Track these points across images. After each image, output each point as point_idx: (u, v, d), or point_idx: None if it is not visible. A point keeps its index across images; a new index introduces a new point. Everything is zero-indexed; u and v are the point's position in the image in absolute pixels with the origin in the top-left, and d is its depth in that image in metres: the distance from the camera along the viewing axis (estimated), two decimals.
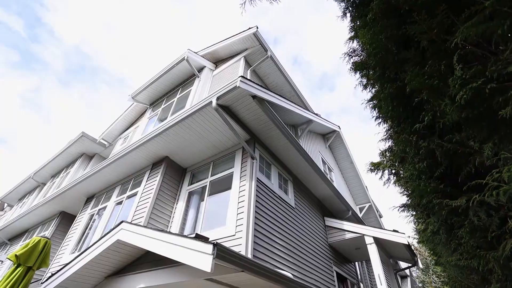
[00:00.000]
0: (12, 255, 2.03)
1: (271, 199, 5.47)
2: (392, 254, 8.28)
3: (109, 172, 7.11)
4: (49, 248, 2.21)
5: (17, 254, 2.02)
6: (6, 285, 1.98)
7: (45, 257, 2.16)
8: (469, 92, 1.53)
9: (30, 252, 2.09)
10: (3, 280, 2.01)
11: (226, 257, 2.63)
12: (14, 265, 2.06)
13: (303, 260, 5.84)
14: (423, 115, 2.15)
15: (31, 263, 2.08)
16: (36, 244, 2.13)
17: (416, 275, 30.19)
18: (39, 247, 2.14)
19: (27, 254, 2.07)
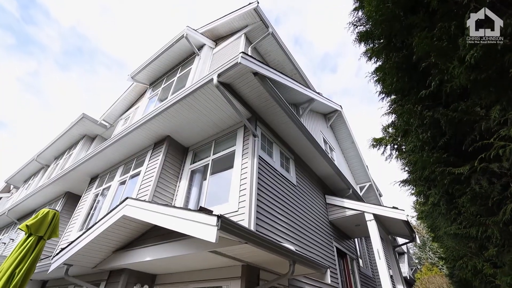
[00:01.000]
0: (23, 225, 2.09)
1: (273, 176, 5.53)
2: (391, 230, 8.47)
3: (112, 152, 7.15)
4: (57, 219, 2.26)
5: (27, 224, 2.07)
6: (19, 254, 2.04)
7: (54, 228, 2.22)
8: (479, 51, 1.48)
9: (40, 223, 2.14)
10: (15, 249, 2.07)
11: (230, 229, 2.68)
12: (25, 235, 2.11)
13: (305, 235, 5.99)
14: (429, 81, 2.10)
15: (42, 233, 2.13)
16: (45, 215, 2.18)
17: (413, 252, 31.14)
18: (48, 218, 2.19)
19: (38, 225, 2.13)
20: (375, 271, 11.37)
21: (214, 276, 4.14)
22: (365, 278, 9.59)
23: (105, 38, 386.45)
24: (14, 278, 1.94)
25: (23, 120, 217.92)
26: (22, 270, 1.99)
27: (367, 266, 10.68)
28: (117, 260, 4.37)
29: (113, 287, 4.62)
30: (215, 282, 4.14)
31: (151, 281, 4.89)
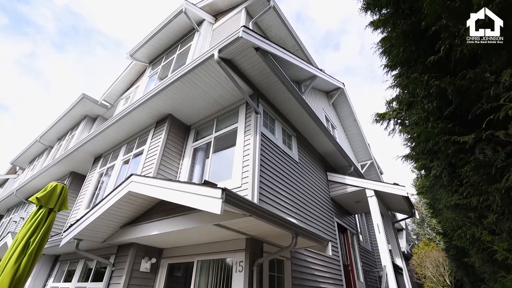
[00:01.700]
0: (33, 197, 2.14)
1: (275, 153, 5.56)
2: (391, 206, 8.64)
3: (114, 132, 7.17)
4: (66, 192, 2.31)
5: (37, 197, 2.12)
6: (31, 225, 2.11)
7: (64, 201, 2.27)
8: (495, 8, 1.43)
9: (49, 195, 2.19)
10: (28, 221, 2.14)
11: (234, 202, 2.74)
12: (36, 208, 2.17)
13: (306, 211, 6.12)
14: (439, 45, 2.04)
15: (52, 205, 2.19)
16: (54, 189, 2.23)
17: (411, 228, 31.98)
18: (57, 191, 2.24)
19: (47, 197, 2.18)
20: (375, 245, 11.73)
21: (219, 249, 4.28)
22: (365, 252, 9.91)
23: (100, 16, 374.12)
24: (29, 247, 2.02)
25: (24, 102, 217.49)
26: (36, 240, 2.06)
27: (367, 241, 11.01)
28: (125, 235, 4.52)
29: (122, 260, 4.81)
30: (220, 255, 4.29)
31: (158, 254, 5.09)
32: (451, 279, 15.53)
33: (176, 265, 5.19)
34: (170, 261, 4.99)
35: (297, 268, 5.00)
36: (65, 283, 6.07)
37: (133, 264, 4.65)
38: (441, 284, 15.99)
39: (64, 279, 6.25)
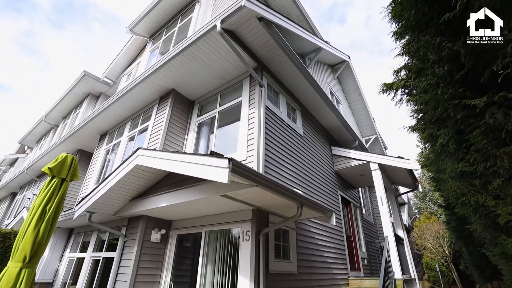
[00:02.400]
0: (45, 168, 2.19)
1: (280, 126, 5.54)
2: (395, 180, 8.71)
3: (117, 109, 7.16)
4: (76, 163, 2.36)
5: (49, 167, 2.17)
6: (45, 194, 2.18)
7: (75, 171, 2.33)
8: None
9: (60, 165, 2.24)
10: (42, 190, 2.20)
11: (240, 172, 2.78)
12: (49, 178, 2.23)
13: (311, 184, 6.22)
14: (454, 1, 1.94)
15: (64, 175, 2.24)
16: (65, 159, 2.27)
17: (413, 203, 32.51)
18: (68, 162, 2.28)
19: (59, 167, 2.23)
20: (377, 218, 12.01)
21: (226, 220, 4.42)
22: (367, 224, 10.18)
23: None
24: (46, 214, 2.11)
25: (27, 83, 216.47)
26: (51, 208, 2.14)
27: (369, 214, 11.26)
28: (134, 208, 4.67)
29: (133, 231, 5.01)
30: (227, 225, 4.43)
31: (167, 226, 5.28)
32: (450, 250, 16.01)
33: (185, 236, 5.40)
34: (179, 232, 5.18)
35: (301, 238, 5.17)
36: (81, 253, 6.39)
37: (143, 235, 4.85)
38: (440, 254, 16.51)
39: (79, 250, 6.57)
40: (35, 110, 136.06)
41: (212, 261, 4.50)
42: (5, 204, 15.09)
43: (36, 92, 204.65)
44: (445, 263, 16.26)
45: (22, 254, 1.98)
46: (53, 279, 6.66)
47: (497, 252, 3.14)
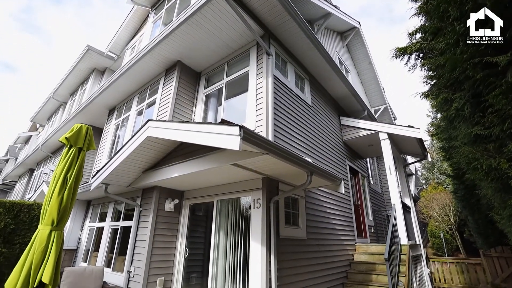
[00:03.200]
0: (62, 138, 2.25)
1: (288, 96, 5.47)
2: (403, 149, 8.67)
3: (124, 82, 7.13)
4: (91, 133, 2.41)
5: (66, 137, 2.23)
6: (65, 163, 2.26)
7: (90, 141, 2.38)
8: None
9: (76, 135, 2.29)
10: (61, 160, 2.28)
11: (251, 139, 2.80)
12: (66, 147, 2.30)
13: (320, 154, 6.25)
14: None
15: (81, 145, 2.31)
16: (80, 129, 2.32)
17: (420, 174, 32.57)
18: (83, 132, 2.33)
19: (75, 137, 2.28)
20: (384, 188, 12.15)
21: (237, 189, 4.54)
22: (374, 193, 10.33)
23: None
24: (68, 182, 2.20)
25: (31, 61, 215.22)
26: (72, 175, 2.23)
27: (377, 184, 11.38)
28: (148, 179, 4.82)
29: (148, 201, 5.22)
30: (238, 194, 4.57)
31: (180, 196, 5.47)
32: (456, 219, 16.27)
33: (197, 206, 5.61)
34: (191, 202, 5.37)
35: (310, 206, 5.31)
36: (100, 222, 6.74)
37: (158, 205, 5.05)
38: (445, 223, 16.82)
39: (98, 220, 6.93)
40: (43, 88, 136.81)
41: (225, 228, 4.70)
42: (24, 180, 15.76)
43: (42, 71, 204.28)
44: (450, 231, 16.61)
45: (50, 218, 2.10)
46: (77, 246, 7.12)
47: (505, 215, 3.18)
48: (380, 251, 6.33)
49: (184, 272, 4.98)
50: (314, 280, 4.81)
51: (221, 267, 4.50)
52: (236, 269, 4.27)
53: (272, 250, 3.86)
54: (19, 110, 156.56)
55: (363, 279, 5.79)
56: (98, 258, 6.15)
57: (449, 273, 8.55)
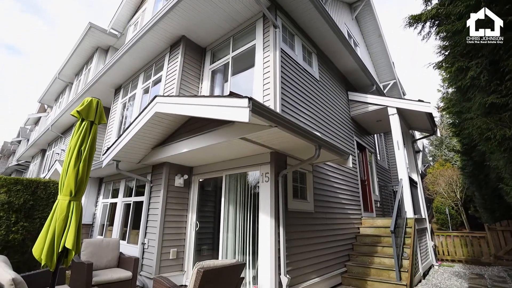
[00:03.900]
0: (74, 111, 2.28)
1: (295, 70, 5.35)
2: (412, 125, 8.54)
3: (129, 60, 7.05)
4: (101, 106, 2.42)
5: (78, 110, 2.26)
6: (78, 136, 2.30)
7: (101, 114, 2.41)
8: None
9: (87, 109, 2.31)
10: (74, 133, 2.32)
11: (260, 112, 2.79)
12: (79, 121, 2.33)
13: (327, 129, 6.21)
14: None
15: (92, 118, 2.34)
16: (90, 103, 2.34)
17: (428, 151, 32.30)
18: (93, 105, 2.35)
19: (86, 110, 2.31)
20: (391, 164, 12.14)
21: (246, 163, 4.60)
22: (381, 169, 10.34)
23: None
24: (82, 154, 2.25)
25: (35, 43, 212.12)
26: (86, 148, 2.28)
27: (384, 160, 11.36)
28: (157, 155, 4.90)
29: (158, 177, 5.35)
30: (247, 168, 4.63)
31: (189, 172, 5.58)
32: (462, 195, 16.32)
33: (206, 181, 5.73)
34: (200, 177, 5.48)
35: (318, 181, 5.37)
36: (113, 198, 6.98)
37: (168, 180, 5.18)
38: (451, 199, 16.91)
39: (111, 196, 7.17)
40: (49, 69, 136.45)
41: (234, 201, 4.82)
42: (38, 160, 16.20)
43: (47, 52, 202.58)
44: (455, 207, 16.75)
45: (68, 189, 2.18)
46: (92, 221, 7.44)
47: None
48: (386, 224, 6.46)
49: (195, 244, 5.20)
50: (321, 251, 4.97)
51: (231, 239, 4.67)
52: (246, 241, 4.43)
53: (280, 222, 3.97)
54: (27, 92, 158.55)
55: (369, 251, 5.96)
56: (113, 232, 6.43)
57: (453, 246, 8.71)
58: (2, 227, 5.20)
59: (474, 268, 7.48)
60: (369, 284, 5.09)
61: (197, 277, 2.67)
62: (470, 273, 6.70)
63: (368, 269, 5.40)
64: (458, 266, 7.71)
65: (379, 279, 5.07)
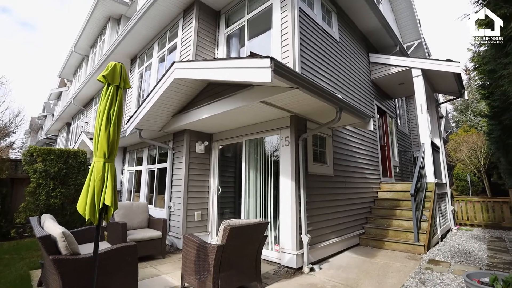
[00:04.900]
0: (100, 76, 2.32)
1: (314, 31, 5.09)
2: (437, 88, 8.10)
3: (142, 28, 6.93)
4: (125, 71, 2.45)
5: (103, 75, 2.30)
6: (106, 101, 2.37)
7: (125, 79, 2.44)
8: None
9: (112, 73, 2.35)
10: (102, 98, 2.39)
11: (282, 72, 2.72)
12: (105, 86, 2.38)
13: (347, 93, 6.02)
14: None
15: (117, 82, 2.38)
16: (114, 67, 2.37)
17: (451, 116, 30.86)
18: (118, 69, 2.38)
19: (111, 75, 2.35)
20: (412, 130, 11.78)
21: (265, 128, 4.61)
22: (402, 134, 10.08)
23: None
24: (111, 118, 2.34)
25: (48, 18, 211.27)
26: (114, 112, 2.36)
27: (405, 125, 11.02)
28: (177, 122, 5.00)
29: (179, 144, 5.50)
30: (266, 133, 4.65)
31: (209, 138, 5.69)
32: (486, 161, 15.79)
33: (226, 148, 5.84)
34: (220, 143, 5.59)
35: (337, 145, 5.34)
36: (137, 166, 7.33)
37: (189, 147, 5.33)
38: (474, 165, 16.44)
39: (135, 164, 7.52)
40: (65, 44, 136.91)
41: (254, 166, 4.93)
42: (64, 133, 17.01)
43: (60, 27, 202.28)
44: (477, 174, 16.33)
45: (102, 152, 2.31)
46: (120, 188, 7.91)
47: None
48: (405, 188, 6.45)
49: (218, 208, 5.47)
50: (340, 213, 5.10)
51: (252, 203, 4.86)
52: (267, 204, 4.60)
53: (301, 185, 4.06)
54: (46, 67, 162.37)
55: (387, 214, 6.05)
56: (140, 197, 6.85)
57: (473, 212, 8.63)
58: (42, 193, 5.66)
59: (494, 232, 7.47)
60: (386, 245, 5.25)
61: (224, 233, 2.84)
62: (490, 236, 6.71)
63: (385, 231, 5.52)
64: (477, 230, 7.72)
65: (397, 240, 5.20)
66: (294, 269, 3.85)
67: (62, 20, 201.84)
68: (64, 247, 2.40)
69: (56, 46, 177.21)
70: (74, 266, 2.37)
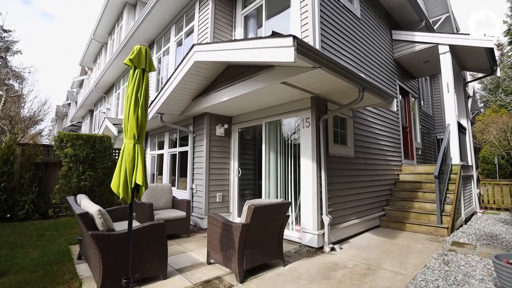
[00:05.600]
0: (126, 60, 2.39)
1: (335, 8, 4.89)
2: (466, 65, 7.63)
3: (159, 12, 6.93)
4: (149, 54, 2.50)
5: (130, 58, 2.36)
6: (134, 84, 2.44)
7: (150, 62, 2.50)
8: None
9: (138, 56, 2.41)
10: (129, 82, 2.47)
11: (305, 51, 2.67)
12: (132, 69, 2.44)
13: (368, 72, 5.82)
14: None
15: (143, 66, 2.44)
16: (140, 50, 2.42)
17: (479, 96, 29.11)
18: (143, 53, 2.43)
19: (137, 58, 2.40)
20: (436, 111, 11.29)
21: (285, 110, 4.59)
22: (425, 116, 9.70)
23: None
24: (139, 101, 2.42)
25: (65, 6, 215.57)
26: (141, 95, 2.43)
27: (428, 106, 10.58)
28: (197, 105, 5.06)
29: (200, 128, 5.60)
30: (286, 115, 4.63)
31: (229, 121, 5.74)
32: None
33: (246, 130, 5.89)
34: (240, 126, 5.64)
35: (358, 126, 5.24)
36: (159, 150, 7.56)
37: (209, 130, 5.42)
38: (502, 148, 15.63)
39: (157, 148, 7.76)
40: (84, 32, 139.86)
41: (274, 148, 4.96)
42: (87, 120, 17.71)
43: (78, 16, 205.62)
44: (506, 156, 15.54)
45: (131, 133, 2.40)
46: None
47: None
48: (428, 171, 6.28)
49: (239, 189, 5.60)
50: (360, 195, 5.08)
51: (272, 185, 4.93)
52: (287, 186, 4.65)
53: (322, 166, 4.06)
54: (67, 56, 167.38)
55: (408, 196, 5.95)
56: (163, 180, 7.11)
57: (501, 195, 8.29)
58: (74, 176, 6.01)
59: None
60: (407, 226, 5.20)
61: (249, 212, 2.93)
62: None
63: (407, 213, 5.46)
64: (504, 214, 7.45)
65: (419, 222, 5.13)
66: (315, 248, 3.93)
67: (80, 9, 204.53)
68: (101, 223, 2.58)
69: (75, 35, 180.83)
70: (110, 241, 2.54)
